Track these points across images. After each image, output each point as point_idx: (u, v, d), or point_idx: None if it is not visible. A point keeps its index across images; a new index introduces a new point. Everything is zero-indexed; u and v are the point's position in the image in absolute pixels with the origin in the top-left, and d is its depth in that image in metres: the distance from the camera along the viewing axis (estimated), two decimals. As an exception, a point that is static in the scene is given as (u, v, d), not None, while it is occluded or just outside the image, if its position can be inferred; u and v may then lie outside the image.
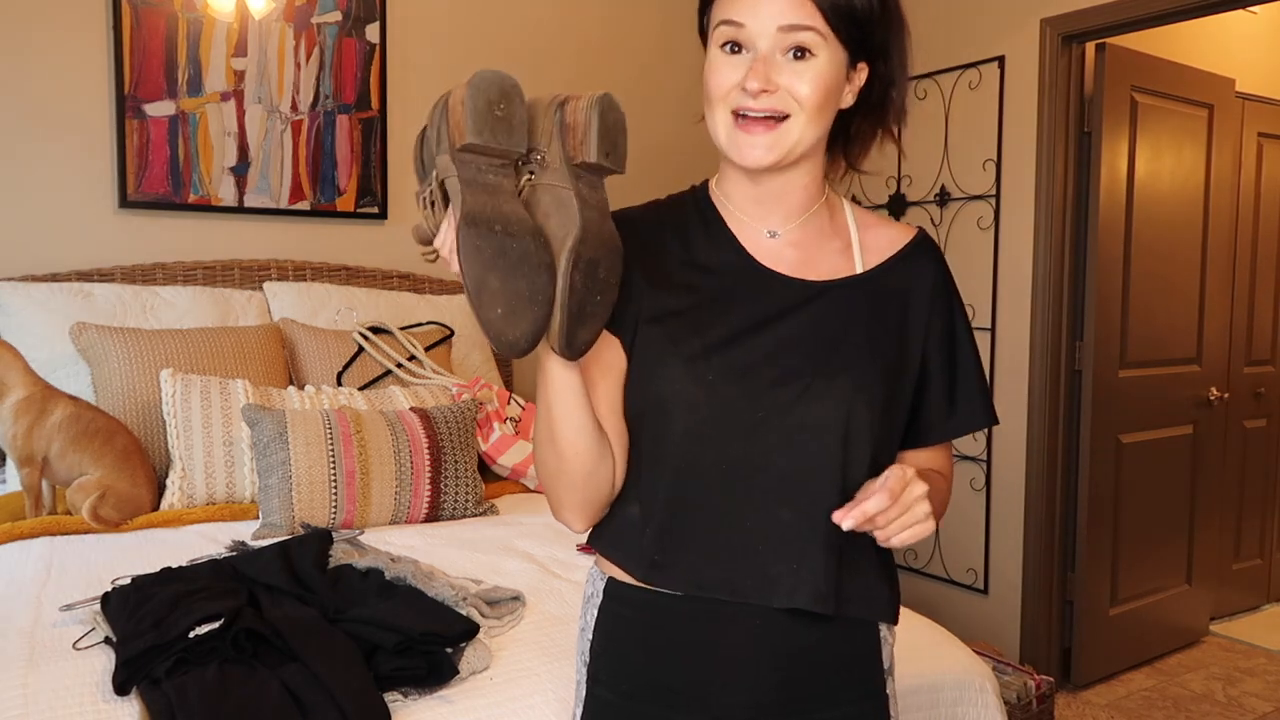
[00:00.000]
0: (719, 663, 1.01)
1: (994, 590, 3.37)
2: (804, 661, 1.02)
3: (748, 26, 0.96)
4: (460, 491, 2.42)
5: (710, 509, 1.00)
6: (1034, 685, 2.27)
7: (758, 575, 0.99)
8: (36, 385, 2.23)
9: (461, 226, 0.87)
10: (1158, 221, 3.36)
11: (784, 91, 0.96)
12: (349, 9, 3.12)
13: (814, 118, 0.98)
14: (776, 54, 0.96)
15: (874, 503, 0.88)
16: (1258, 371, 4.03)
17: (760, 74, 0.95)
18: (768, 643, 1.00)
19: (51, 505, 2.27)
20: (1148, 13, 2.88)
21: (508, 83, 0.88)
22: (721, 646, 1.01)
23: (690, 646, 1.02)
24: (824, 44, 0.96)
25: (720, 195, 1.09)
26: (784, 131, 0.98)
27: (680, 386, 0.99)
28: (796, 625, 1.00)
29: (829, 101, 0.99)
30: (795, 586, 0.98)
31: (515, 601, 1.73)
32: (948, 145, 3.46)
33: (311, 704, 1.33)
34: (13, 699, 1.36)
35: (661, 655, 1.03)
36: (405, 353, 2.88)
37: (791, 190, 1.05)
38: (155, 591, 1.56)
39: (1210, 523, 3.73)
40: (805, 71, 0.96)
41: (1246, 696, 3.24)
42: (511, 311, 0.87)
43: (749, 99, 0.97)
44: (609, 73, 3.65)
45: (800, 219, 1.06)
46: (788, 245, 1.06)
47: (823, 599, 0.98)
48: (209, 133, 2.94)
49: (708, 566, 1.00)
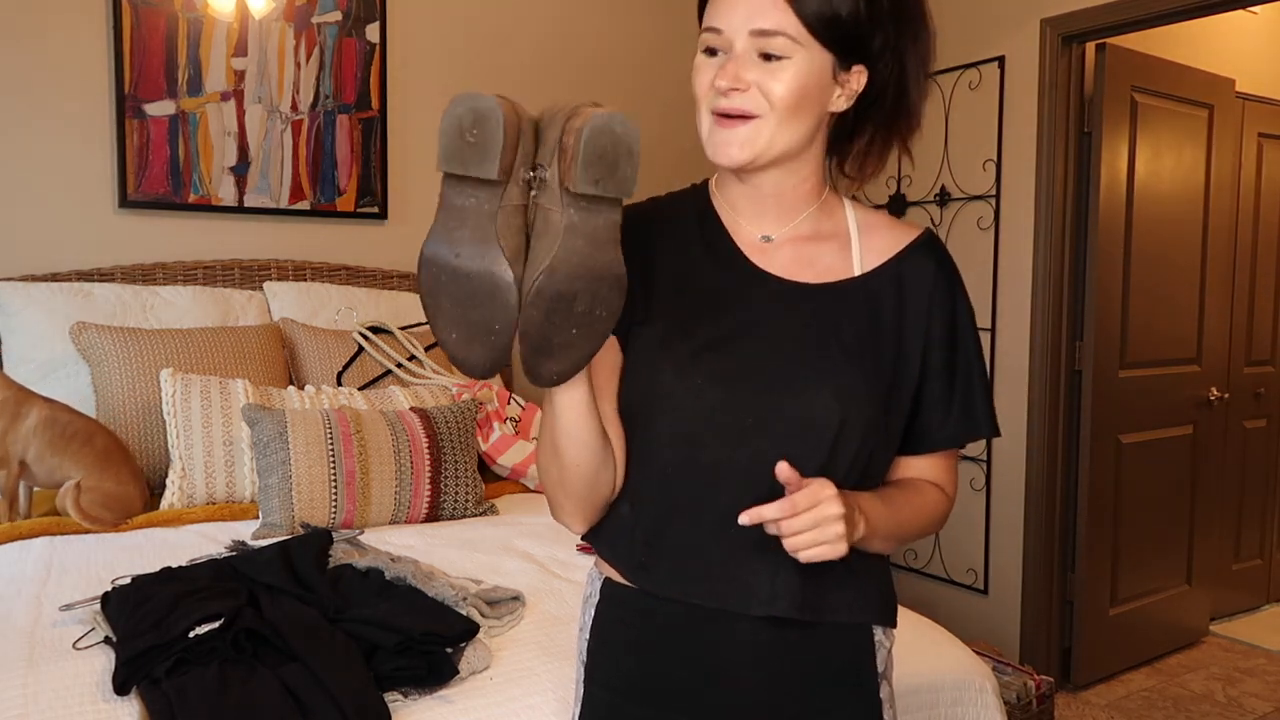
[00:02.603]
0: (707, 666, 1.01)
1: (994, 590, 3.37)
2: (792, 666, 1.01)
3: (724, 32, 0.97)
4: (460, 491, 2.42)
5: (695, 512, 1.00)
6: (1034, 685, 2.27)
7: (738, 581, 0.98)
8: (9, 389, 2.20)
9: (422, 250, 0.86)
10: (1158, 221, 3.36)
11: (755, 90, 0.96)
12: (349, 9, 3.12)
13: (787, 118, 0.97)
14: (751, 54, 0.96)
15: (773, 508, 0.88)
16: (1258, 371, 4.03)
17: (729, 73, 0.96)
18: (754, 647, 1.00)
19: (27, 511, 2.25)
20: (1148, 13, 2.88)
21: (482, 105, 0.85)
22: (709, 650, 1.01)
23: (679, 649, 1.02)
24: (798, 47, 0.95)
25: (718, 195, 1.09)
26: (755, 129, 0.97)
27: (668, 389, 0.99)
28: (784, 630, 1.00)
29: (806, 103, 0.97)
30: (774, 594, 0.98)
31: (515, 601, 1.73)
32: (948, 145, 3.46)
33: (311, 704, 1.33)
34: (13, 699, 1.36)
35: (652, 656, 1.03)
36: (405, 353, 2.88)
37: (783, 191, 1.04)
38: (155, 591, 1.56)
39: (1210, 523, 3.73)
40: (777, 71, 0.96)
41: (1246, 697, 3.24)
42: (466, 338, 0.86)
43: (721, 98, 0.97)
44: (610, 71, 3.66)
45: (795, 221, 1.05)
46: (784, 246, 1.05)
47: (800, 606, 0.98)
48: (209, 133, 2.94)
49: (691, 571, 1.00)
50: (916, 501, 1.05)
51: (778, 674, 1.01)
